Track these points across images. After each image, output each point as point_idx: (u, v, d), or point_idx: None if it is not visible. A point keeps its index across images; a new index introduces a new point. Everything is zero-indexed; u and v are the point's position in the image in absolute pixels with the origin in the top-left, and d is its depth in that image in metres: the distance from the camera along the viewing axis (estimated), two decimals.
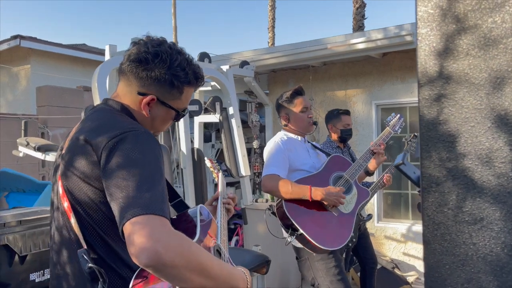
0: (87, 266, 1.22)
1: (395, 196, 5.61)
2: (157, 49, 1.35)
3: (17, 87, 7.80)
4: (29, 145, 4.62)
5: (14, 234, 3.01)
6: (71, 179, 1.28)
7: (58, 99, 5.97)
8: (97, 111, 1.41)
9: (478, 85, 1.18)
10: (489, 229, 1.16)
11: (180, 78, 1.37)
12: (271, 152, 2.88)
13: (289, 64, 5.81)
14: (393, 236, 5.47)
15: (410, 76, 5.43)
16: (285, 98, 3.06)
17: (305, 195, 2.68)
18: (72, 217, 1.27)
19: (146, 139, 1.24)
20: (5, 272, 2.94)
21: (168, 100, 1.39)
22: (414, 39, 4.91)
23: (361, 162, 3.05)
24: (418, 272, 5.22)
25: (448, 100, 1.22)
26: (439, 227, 1.23)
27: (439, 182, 1.22)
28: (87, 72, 8.31)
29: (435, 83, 1.23)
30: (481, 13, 1.17)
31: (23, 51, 7.53)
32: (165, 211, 1.13)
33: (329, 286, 2.76)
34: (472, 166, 1.18)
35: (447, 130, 1.20)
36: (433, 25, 1.25)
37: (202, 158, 4.75)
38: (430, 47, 1.26)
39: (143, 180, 1.14)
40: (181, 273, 1.07)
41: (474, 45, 1.18)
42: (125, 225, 1.08)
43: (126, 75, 1.38)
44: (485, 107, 1.16)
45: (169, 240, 1.06)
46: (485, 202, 1.15)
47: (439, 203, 1.21)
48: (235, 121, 4.60)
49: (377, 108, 5.66)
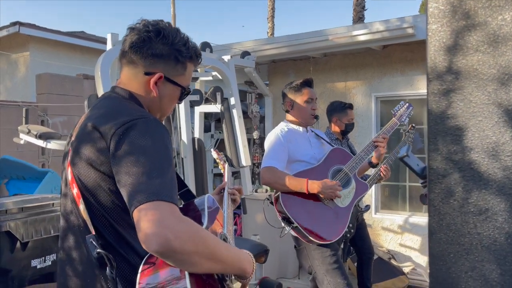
0: (96, 252, 1.23)
1: (393, 187, 5.67)
2: (157, 27, 1.38)
3: (16, 74, 7.77)
4: (31, 132, 4.62)
5: (16, 221, 3.04)
6: (80, 166, 1.29)
7: (58, 87, 5.96)
8: (105, 99, 1.43)
9: (487, 81, 1.22)
10: (493, 219, 1.20)
11: (183, 53, 1.40)
12: (271, 144, 2.92)
13: (290, 55, 5.82)
14: (390, 227, 5.53)
15: (410, 69, 5.45)
16: (294, 85, 3.08)
17: (302, 188, 2.73)
18: (81, 203, 1.29)
19: (156, 126, 1.25)
20: (7, 258, 2.97)
21: (174, 76, 1.41)
22: (415, 31, 4.93)
23: (362, 155, 3.06)
24: (414, 263, 5.29)
25: (456, 95, 1.26)
26: (444, 217, 1.27)
27: (446, 174, 1.26)
28: (85, 60, 8.27)
29: (444, 78, 1.26)
30: (491, 10, 1.21)
31: (22, 38, 7.49)
32: (174, 197, 1.15)
33: (325, 275, 2.79)
34: (479, 159, 1.22)
35: (455, 124, 1.24)
36: (443, 21, 1.28)
37: (203, 147, 4.77)
38: (440, 43, 1.29)
39: (152, 167, 1.15)
40: (190, 258, 1.09)
41: (484, 42, 1.21)
42: (135, 212, 1.10)
43: (130, 59, 1.40)
44: (492, 102, 1.20)
45: (178, 226, 1.08)
46: (490, 194, 1.19)
47: (445, 194, 1.25)
48: (236, 112, 4.62)
49: (376, 100, 5.69)
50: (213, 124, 6.30)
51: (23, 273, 3.07)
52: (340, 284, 2.75)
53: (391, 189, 5.68)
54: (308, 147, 3.02)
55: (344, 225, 2.84)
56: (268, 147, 2.94)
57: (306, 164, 2.94)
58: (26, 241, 3.03)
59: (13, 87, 7.83)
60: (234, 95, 4.65)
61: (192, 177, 4.65)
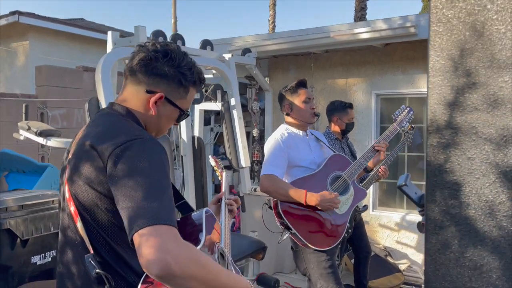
0: (95, 272, 1.26)
1: (391, 185, 5.71)
2: (166, 48, 1.39)
3: (16, 63, 7.72)
4: (31, 129, 4.62)
5: (16, 218, 3.07)
6: (77, 184, 1.30)
7: (58, 79, 5.93)
8: (103, 116, 1.43)
9: (485, 140, 1.23)
10: (488, 276, 1.23)
11: (187, 77, 1.41)
12: (271, 149, 2.93)
13: (291, 50, 5.78)
14: (387, 225, 5.59)
15: (411, 67, 5.43)
16: (290, 87, 3.09)
17: (300, 199, 2.76)
18: (78, 221, 1.31)
19: (153, 147, 1.26)
20: (7, 255, 3.01)
21: (174, 99, 1.42)
22: (417, 31, 4.89)
23: (361, 161, 3.08)
24: (410, 260, 5.37)
25: (455, 150, 1.27)
26: (440, 267, 1.30)
27: (443, 226, 1.28)
28: (85, 49, 8.21)
29: (443, 132, 1.28)
30: (492, 71, 1.21)
31: (22, 27, 7.42)
32: (173, 219, 1.15)
33: (318, 278, 2.85)
34: (475, 216, 1.24)
35: (453, 179, 1.26)
36: (445, 75, 1.28)
37: (202, 146, 4.78)
38: (440, 96, 1.29)
39: (150, 190, 1.16)
40: (189, 283, 1.11)
41: (483, 101, 1.22)
42: (135, 236, 1.12)
43: (135, 75, 1.41)
44: (490, 161, 1.21)
45: (179, 251, 1.10)
46: (485, 251, 1.22)
47: (442, 245, 1.28)
48: (237, 113, 4.62)
49: (377, 98, 5.68)
50: (212, 118, 6.30)
51: (23, 269, 3.11)
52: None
53: (389, 187, 5.73)
54: (308, 151, 3.04)
55: (341, 233, 2.89)
56: (268, 152, 2.94)
57: (305, 170, 2.96)
58: (26, 238, 3.07)
59: (12, 76, 7.79)
60: (235, 95, 4.63)
61: (191, 175, 4.68)
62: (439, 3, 1.26)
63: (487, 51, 1.25)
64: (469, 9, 1.20)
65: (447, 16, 1.31)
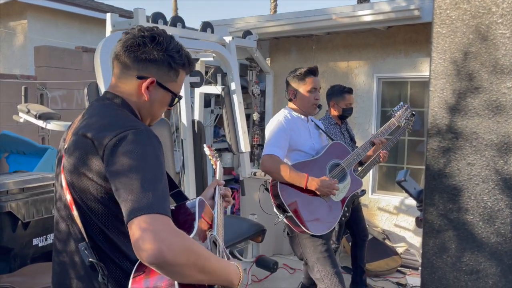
0: (88, 260, 1.30)
1: (390, 169, 5.72)
2: (152, 33, 1.40)
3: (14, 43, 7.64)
4: (30, 112, 4.59)
5: (17, 201, 3.10)
6: (74, 174, 1.32)
7: (57, 60, 5.87)
8: (99, 106, 1.44)
9: (486, 146, 1.22)
10: (484, 281, 1.23)
11: (176, 59, 1.42)
12: (274, 130, 2.92)
13: (292, 32, 5.71)
14: (386, 208, 5.62)
15: (414, 51, 5.37)
16: (298, 73, 3.03)
17: (301, 183, 2.78)
18: (74, 210, 1.34)
19: (147, 137, 1.28)
20: (9, 238, 3.05)
21: (166, 82, 1.43)
22: (421, 13, 4.82)
23: (360, 152, 3.12)
24: (407, 243, 5.41)
25: (455, 155, 1.26)
26: (437, 271, 1.31)
27: (441, 230, 1.28)
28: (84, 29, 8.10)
29: (444, 136, 1.26)
30: (495, 76, 1.19)
31: (20, 6, 7.30)
32: (167, 209, 1.19)
33: (315, 262, 2.89)
34: (474, 221, 1.24)
35: (452, 183, 1.25)
36: (447, 78, 1.26)
37: (203, 130, 4.77)
38: (442, 99, 1.27)
39: (145, 179, 1.19)
40: (182, 270, 1.15)
41: (485, 107, 1.20)
42: (129, 225, 1.15)
43: (124, 62, 1.41)
44: (490, 168, 1.20)
45: (172, 240, 1.13)
46: (483, 256, 1.22)
47: (439, 249, 1.28)
48: (237, 97, 4.59)
49: (378, 81, 5.63)
50: (213, 100, 6.27)
51: (25, 251, 3.16)
52: (329, 272, 2.85)
53: (388, 170, 5.73)
54: (308, 137, 3.05)
55: (336, 219, 2.94)
56: (270, 132, 2.93)
57: (305, 155, 2.97)
58: (28, 220, 3.10)
59: (11, 56, 7.71)
60: (235, 79, 4.59)
61: (191, 159, 4.68)
62: (443, 3, 1.23)
63: (491, 56, 1.22)
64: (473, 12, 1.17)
65: (451, 18, 1.28)
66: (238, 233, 4.09)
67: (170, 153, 4.49)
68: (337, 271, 2.88)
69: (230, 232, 3.94)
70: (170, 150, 4.50)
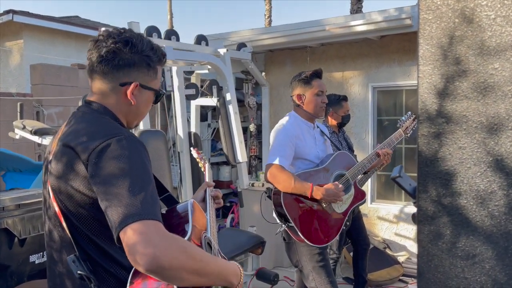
0: (77, 272, 1.28)
1: (388, 177, 5.70)
2: (123, 37, 1.37)
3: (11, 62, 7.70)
4: (26, 128, 4.60)
5: (13, 217, 3.06)
6: (59, 184, 1.31)
7: (53, 78, 5.91)
8: (82, 115, 1.41)
9: (476, 128, 1.21)
10: (481, 266, 1.21)
11: (153, 58, 1.42)
12: (279, 138, 2.86)
13: (287, 44, 5.76)
14: (386, 217, 5.59)
15: (407, 59, 5.41)
16: (303, 77, 3.00)
17: (306, 192, 2.73)
18: (63, 221, 1.32)
19: (131, 143, 1.27)
20: (5, 254, 3.01)
21: (147, 82, 1.43)
22: (413, 22, 4.87)
23: (365, 163, 3.07)
24: (408, 252, 5.37)
25: (446, 140, 1.25)
26: (433, 258, 1.29)
27: (435, 216, 1.27)
28: (80, 47, 8.18)
29: (434, 121, 1.26)
30: (482, 58, 1.19)
31: (16, 26, 7.39)
32: (157, 214, 1.17)
33: (311, 271, 2.85)
34: (467, 205, 1.23)
35: (445, 168, 1.24)
36: (434, 64, 1.26)
37: (199, 142, 4.78)
38: (431, 85, 1.28)
39: (132, 186, 1.17)
40: (178, 274, 1.13)
41: (473, 89, 1.20)
42: (121, 234, 1.13)
43: (102, 72, 1.38)
44: (481, 150, 1.19)
45: (166, 244, 1.11)
46: (478, 241, 1.20)
47: (434, 236, 1.27)
48: (233, 108, 4.60)
49: (373, 90, 5.66)
50: (209, 113, 6.30)
51: (22, 268, 3.11)
52: (324, 281, 2.81)
53: (387, 179, 5.72)
54: (313, 145, 2.98)
55: (337, 232, 2.90)
56: (274, 140, 2.88)
57: (309, 163, 2.92)
58: (24, 237, 3.06)
59: (8, 75, 7.77)
60: (230, 90, 4.62)
61: (188, 171, 4.67)
62: None
63: (477, 38, 1.23)
64: None
65: (436, 3, 1.30)
66: (238, 245, 4.05)
67: (167, 166, 4.48)
68: (332, 280, 2.83)
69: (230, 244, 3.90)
70: (167, 163, 4.49)
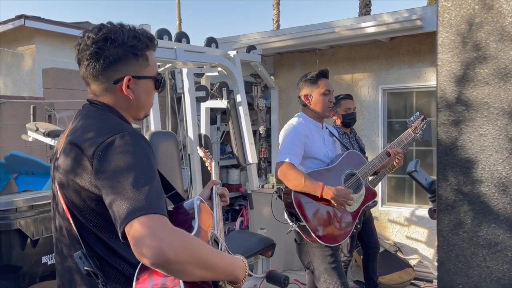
0: (84, 269, 1.29)
1: (400, 180, 5.67)
2: (102, 34, 1.35)
3: (23, 67, 7.77)
4: (39, 130, 4.64)
5: (26, 218, 3.08)
6: (65, 182, 1.32)
7: (65, 82, 5.96)
8: (86, 113, 1.42)
9: (497, 115, 1.21)
10: (503, 254, 1.20)
11: (138, 46, 1.38)
12: (288, 137, 2.86)
13: (296, 47, 5.77)
14: (397, 220, 5.55)
15: (418, 61, 5.40)
16: (310, 77, 3.00)
17: (316, 191, 2.72)
18: (69, 216, 1.33)
19: (135, 139, 1.27)
20: (18, 255, 3.02)
21: (140, 72, 1.40)
22: (423, 23, 4.86)
23: (375, 162, 3.07)
24: (420, 255, 5.32)
25: (466, 127, 1.24)
26: (453, 248, 1.28)
27: (455, 205, 1.26)
28: None
29: (453, 109, 1.25)
30: (502, 44, 1.19)
31: (28, 31, 7.46)
32: (162, 208, 1.18)
33: (322, 272, 2.83)
34: (489, 193, 1.21)
35: (465, 156, 1.23)
36: (454, 51, 1.26)
37: (209, 144, 4.79)
38: (450, 73, 1.27)
39: (136, 181, 1.18)
40: (184, 268, 1.13)
41: (494, 75, 1.19)
42: (126, 229, 1.13)
43: (92, 75, 1.38)
44: (503, 137, 1.19)
45: (171, 238, 1.12)
46: (500, 228, 1.19)
47: (455, 225, 1.25)
48: (243, 109, 4.61)
49: (383, 92, 5.64)
50: (219, 117, 6.30)
51: (34, 269, 3.12)
52: (336, 283, 2.79)
53: (397, 182, 5.68)
54: (322, 144, 2.99)
55: (349, 231, 2.88)
56: (284, 139, 2.88)
57: (319, 162, 2.92)
58: (37, 238, 3.08)
59: (20, 80, 7.84)
60: (240, 92, 4.63)
61: (199, 173, 4.68)
62: None
63: (497, 24, 1.22)
64: None
65: None
66: (248, 248, 4.03)
67: (178, 167, 4.49)
68: (344, 282, 2.81)
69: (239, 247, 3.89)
70: (178, 164, 4.49)
